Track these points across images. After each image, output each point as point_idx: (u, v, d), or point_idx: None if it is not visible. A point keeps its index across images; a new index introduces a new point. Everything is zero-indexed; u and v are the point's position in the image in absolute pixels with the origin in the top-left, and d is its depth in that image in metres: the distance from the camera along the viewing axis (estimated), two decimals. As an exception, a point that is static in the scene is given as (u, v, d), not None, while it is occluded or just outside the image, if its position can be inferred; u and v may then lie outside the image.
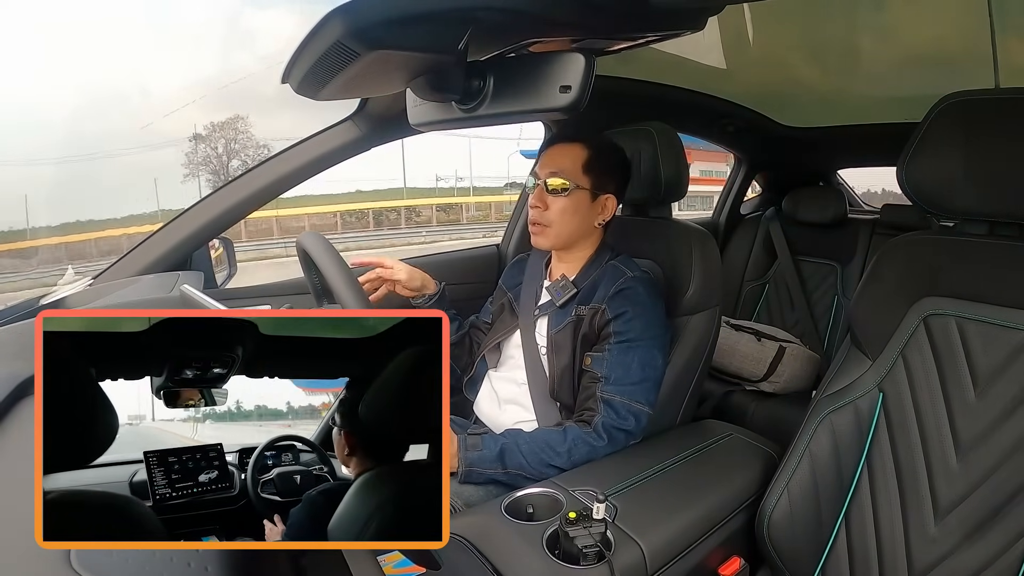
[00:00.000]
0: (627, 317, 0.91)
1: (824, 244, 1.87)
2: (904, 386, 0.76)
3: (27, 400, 0.50)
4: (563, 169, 0.95)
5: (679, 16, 0.56)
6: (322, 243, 0.76)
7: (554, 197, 0.95)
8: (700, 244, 1.04)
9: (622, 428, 0.88)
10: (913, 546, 0.72)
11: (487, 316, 1.16)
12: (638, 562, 0.67)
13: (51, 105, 34.98)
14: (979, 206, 0.75)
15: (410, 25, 0.45)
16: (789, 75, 1.51)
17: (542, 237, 0.98)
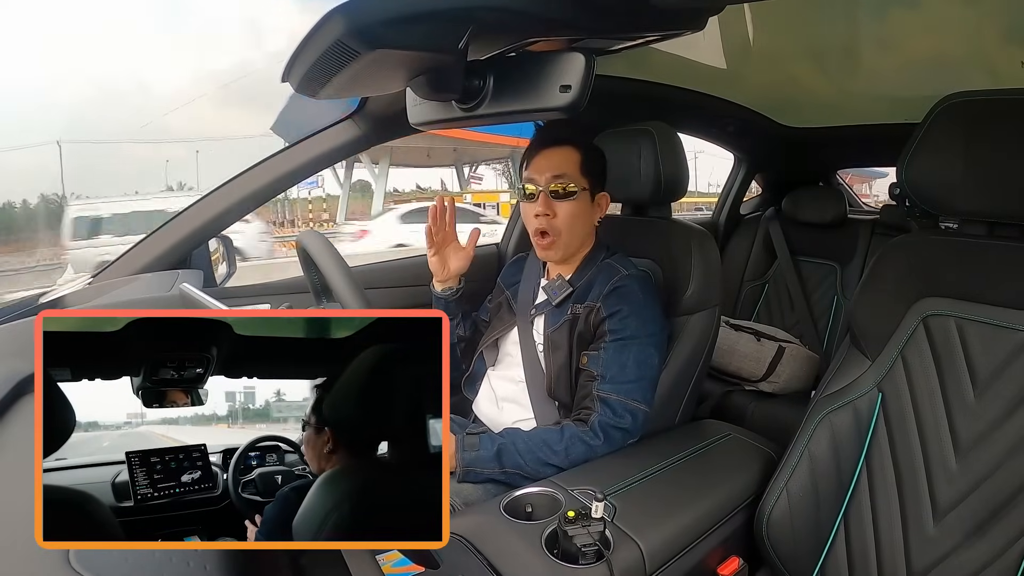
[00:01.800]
0: (622, 315, 0.91)
1: (824, 244, 1.87)
2: (903, 386, 0.76)
3: (25, 399, 0.50)
4: (566, 172, 0.94)
5: (679, 16, 0.56)
6: (322, 242, 0.76)
7: (561, 202, 0.94)
8: (700, 244, 1.04)
9: (619, 427, 0.88)
10: (912, 546, 0.72)
11: (485, 314, 1.16)
12: (637, 561, 0.67)
13: (62, 96, 35.38)
14: (979, 207, 0.75)
15: (410, 24, 0.45)
16: (789, 75, 1.51)
17: (553, 250, 0.96)
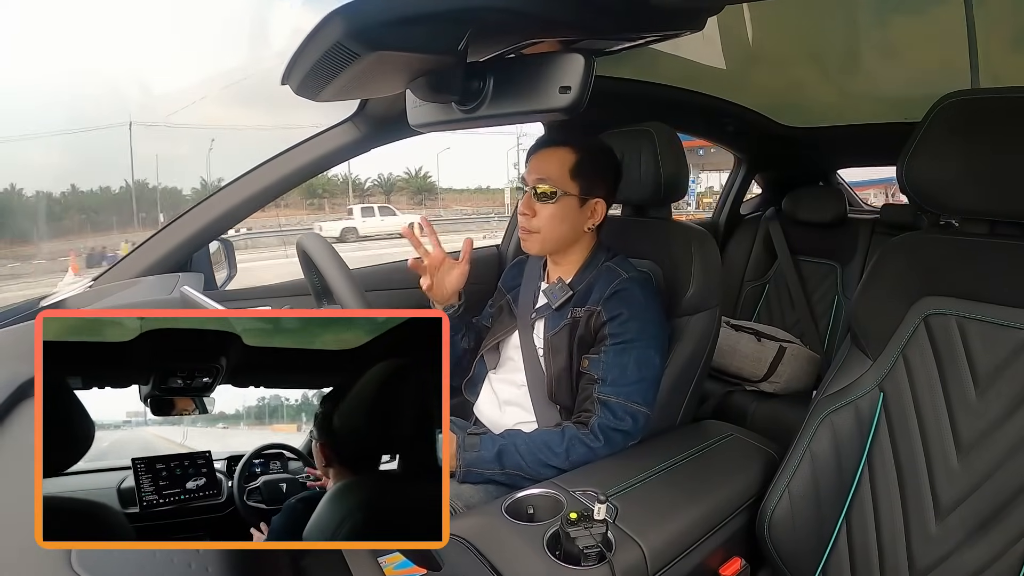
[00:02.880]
0: (622, 319, 0.91)
1: (824, 244, 1.87)
2: (905, 386, 0.76)
3: (27, 402, 0.51)
4: (550, 175, 0.94)
5: (679, 16, 0.56)
6: (322, 244, 0.76)
7: (541, 204, 0.94)
8: (700, 244, 1.04)
9: (619, 429, 0.88)
10: (914, 546, 0.72)
11: (486, 319, 1.16)
12: (639, 563, 0.67)
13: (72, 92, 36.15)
14: (979, 205, 0.75)
15: (410, 26, 0.45)
16: (789, 75, 1.51)
17: (530, 243, 0.98)
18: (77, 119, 31.69)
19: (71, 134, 18.60)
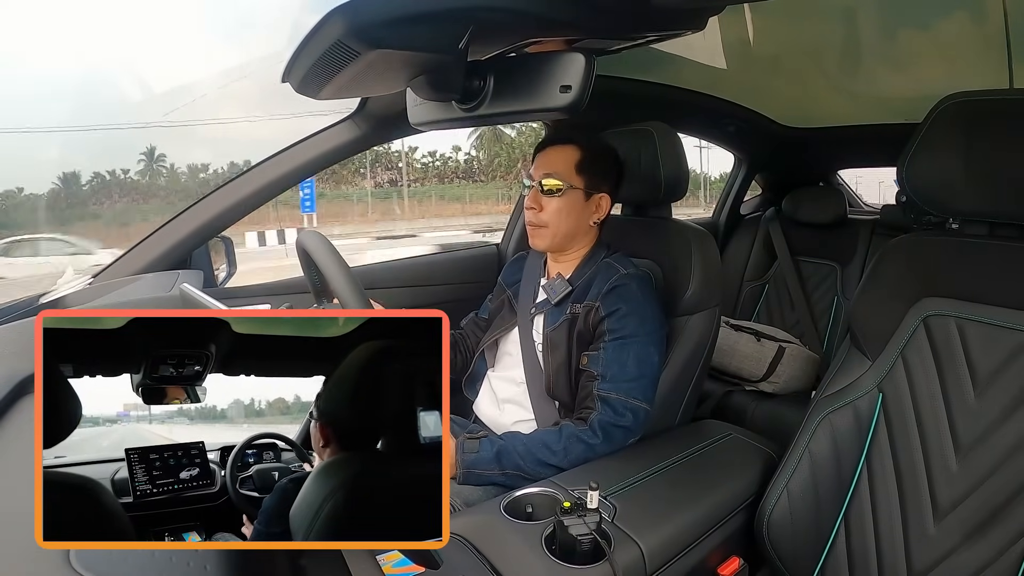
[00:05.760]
0: (621, 314, 0.91)
1: (824, 244, 1.87)
2: (904, 387, 0.76)
3: (26, 399, 0.50)
4: (556, 171, 0.96)
5: (679, 16, 0.56)
6: (322, 242, 0.76)
7: (548, 198, 0.96)
8: (700, 244, 1.04)
9: (619, 425, 0.88)
10: (912, 546, 0.72)
11: (485, 313, 1.17)
12: (637, 561, 0.67)
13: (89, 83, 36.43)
14: (979, 207, 0.75)
15: (411, 25, 0.45)
16: (789, 75, 1.51)
17: (539, 238, 0.99)
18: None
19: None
